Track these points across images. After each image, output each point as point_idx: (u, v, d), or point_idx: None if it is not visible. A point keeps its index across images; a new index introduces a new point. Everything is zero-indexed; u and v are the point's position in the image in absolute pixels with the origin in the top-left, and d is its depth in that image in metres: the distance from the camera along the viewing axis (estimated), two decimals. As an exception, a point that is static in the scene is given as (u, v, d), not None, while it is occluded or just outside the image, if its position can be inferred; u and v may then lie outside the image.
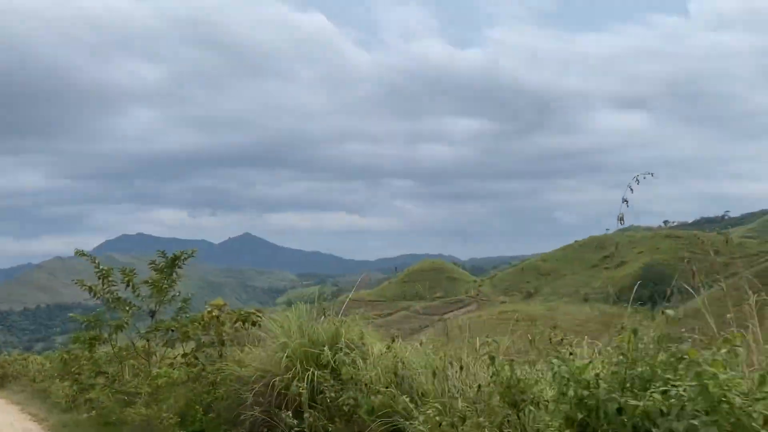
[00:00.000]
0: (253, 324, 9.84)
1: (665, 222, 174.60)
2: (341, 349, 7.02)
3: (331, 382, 6.72)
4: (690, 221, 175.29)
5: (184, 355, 10.10)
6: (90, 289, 11.44)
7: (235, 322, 9.94)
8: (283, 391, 6.96)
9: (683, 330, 4.25)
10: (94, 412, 11.38)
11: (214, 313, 10.17)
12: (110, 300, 11.21)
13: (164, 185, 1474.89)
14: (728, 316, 4.27)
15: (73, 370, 12.80)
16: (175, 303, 11.02)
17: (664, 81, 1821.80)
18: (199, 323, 10.22)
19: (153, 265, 11.05)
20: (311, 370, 6.90)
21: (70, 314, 12.26)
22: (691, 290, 5.04)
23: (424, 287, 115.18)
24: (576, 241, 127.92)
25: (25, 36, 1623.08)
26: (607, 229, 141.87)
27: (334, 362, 6.93)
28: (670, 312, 4.37)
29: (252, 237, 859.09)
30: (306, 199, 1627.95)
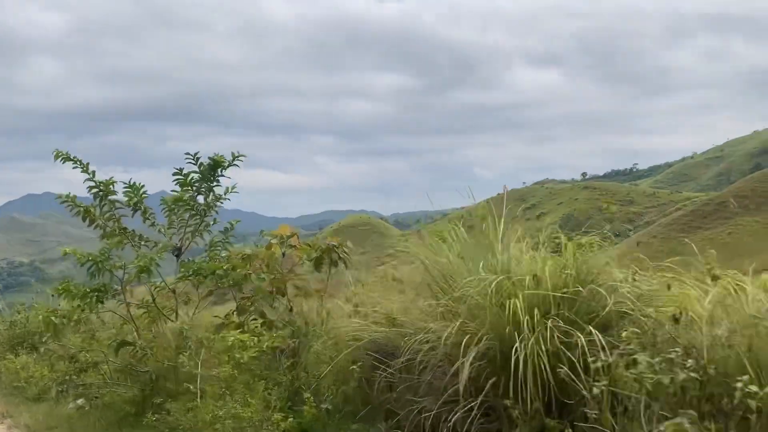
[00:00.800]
0: (335, 263, 7.09)
1: (583, 174, 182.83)
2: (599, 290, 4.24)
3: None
4: (602, 174, 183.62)
5: (240, 312, 6.76)
6: (86, 213, 7.85)
7: (313, 260, 7.08)
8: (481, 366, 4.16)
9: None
10: (88, 403, 7.12)
11: (275, 249, 7.10)
12: (116, 231, 7.61)
13: (73, 141, 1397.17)
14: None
15: (68, 340, 8.45)
16: (209, 235, 7.71)
17: (579, 38, 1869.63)
18: (262, 262, 6.99)
19: (178, 176, 7.71)
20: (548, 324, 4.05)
21: (64, 249, 7.93)
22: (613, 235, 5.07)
23: (353, 242, 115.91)
24: (498, 194, 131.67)
25: None
26: (523, 183, 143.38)
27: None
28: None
29: (168, 195, 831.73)
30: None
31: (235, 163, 7.66)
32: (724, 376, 3.43)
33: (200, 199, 7.79)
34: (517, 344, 3.97)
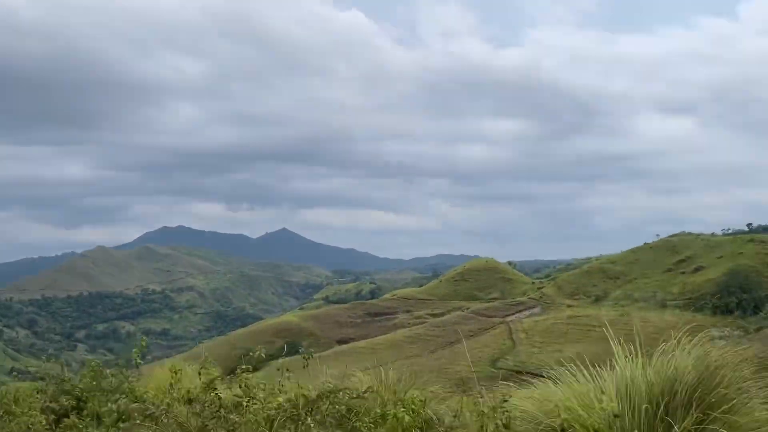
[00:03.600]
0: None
1: (748, 225, 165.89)
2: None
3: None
4: (746, 228, 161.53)
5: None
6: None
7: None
8: None
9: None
10: None
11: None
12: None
13: (203, 179, 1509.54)
14: None
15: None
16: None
17: (711, 86, 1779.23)
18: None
19: None
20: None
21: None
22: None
23: (479, 288, 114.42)
24: (646, 244, 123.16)
25: (72, 29, 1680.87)
26: (657, 235, 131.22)
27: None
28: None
29: (288, 232, 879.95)
30: (342, 196, 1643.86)
31: None
32: None
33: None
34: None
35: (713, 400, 3.89)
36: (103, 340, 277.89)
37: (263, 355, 6.87)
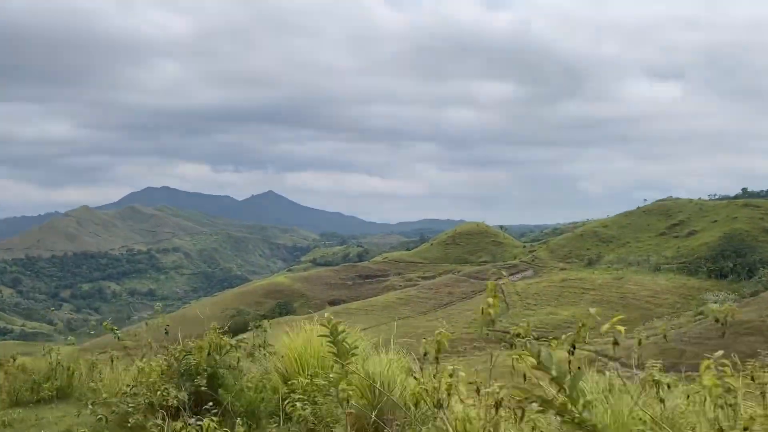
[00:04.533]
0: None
1: (744, 189, 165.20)
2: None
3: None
4: (732, 195, 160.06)
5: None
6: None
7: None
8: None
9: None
10: None
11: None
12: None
13: (188, 139, 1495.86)
14: None
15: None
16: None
17: (700, 51, 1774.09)
18: None
19: None
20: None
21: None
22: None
23: (469, 251, 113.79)
24: (639, 208, 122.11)
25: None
26: (644, 200, 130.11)
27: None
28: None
29: (274, 195, 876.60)
30: (328, 159, 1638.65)
31: None
32: None
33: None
34: None
35: None
36: (88, 300, 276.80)
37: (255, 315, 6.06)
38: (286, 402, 5.06)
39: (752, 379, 3.70)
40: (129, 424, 5.55)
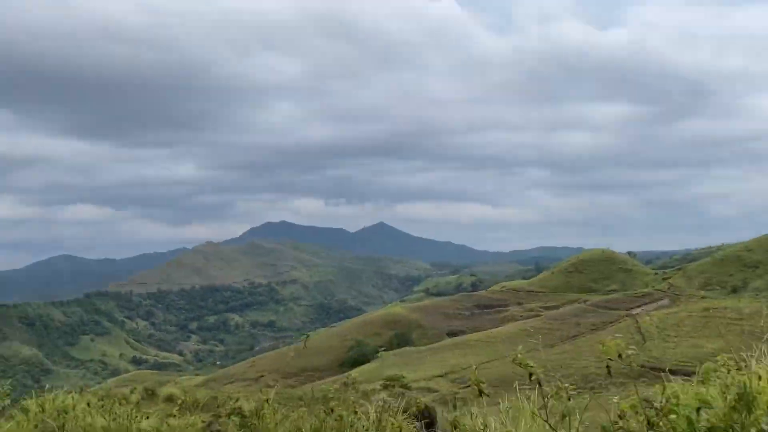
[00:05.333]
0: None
1: None
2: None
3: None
4: None
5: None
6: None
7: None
8: None
9: None
10: None
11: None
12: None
13: (303, 175, 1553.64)
14: None
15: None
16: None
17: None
18: None
19: None
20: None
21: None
22: None
23: (594, 279, 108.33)
24: None
25: (174, 35, 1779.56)
26: None
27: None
28: None
29: (386, 226, 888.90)
30: (438, 189, 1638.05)
31: None
32: None
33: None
34: None
35: None
36: (213, 331, 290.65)
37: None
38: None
39: None
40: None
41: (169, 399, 13.85)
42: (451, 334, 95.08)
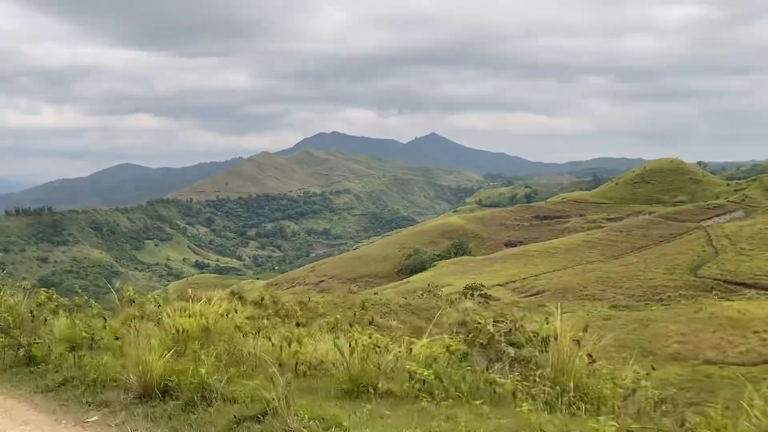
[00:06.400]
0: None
1: None
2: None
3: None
4: None
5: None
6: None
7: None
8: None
9: None
10: None
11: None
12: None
13: (354, 85, 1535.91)
14: None
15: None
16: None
17: None
18: None
19: None
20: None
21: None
22: None
23: (662, 190, 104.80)
24: None
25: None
26: None
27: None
28: None
29: (438, 137, 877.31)
30: (492, 99, 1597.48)
31: None
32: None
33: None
34: None
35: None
36: (271, 238, 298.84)
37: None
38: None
39: None
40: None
41: (257, 303, 13.96)
42: (510, 244, 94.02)
